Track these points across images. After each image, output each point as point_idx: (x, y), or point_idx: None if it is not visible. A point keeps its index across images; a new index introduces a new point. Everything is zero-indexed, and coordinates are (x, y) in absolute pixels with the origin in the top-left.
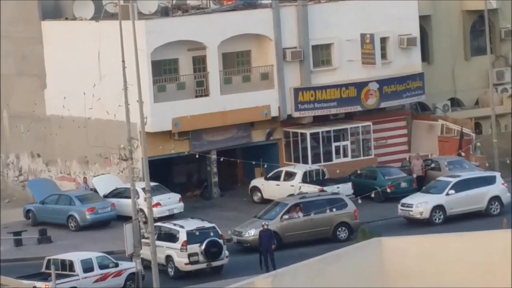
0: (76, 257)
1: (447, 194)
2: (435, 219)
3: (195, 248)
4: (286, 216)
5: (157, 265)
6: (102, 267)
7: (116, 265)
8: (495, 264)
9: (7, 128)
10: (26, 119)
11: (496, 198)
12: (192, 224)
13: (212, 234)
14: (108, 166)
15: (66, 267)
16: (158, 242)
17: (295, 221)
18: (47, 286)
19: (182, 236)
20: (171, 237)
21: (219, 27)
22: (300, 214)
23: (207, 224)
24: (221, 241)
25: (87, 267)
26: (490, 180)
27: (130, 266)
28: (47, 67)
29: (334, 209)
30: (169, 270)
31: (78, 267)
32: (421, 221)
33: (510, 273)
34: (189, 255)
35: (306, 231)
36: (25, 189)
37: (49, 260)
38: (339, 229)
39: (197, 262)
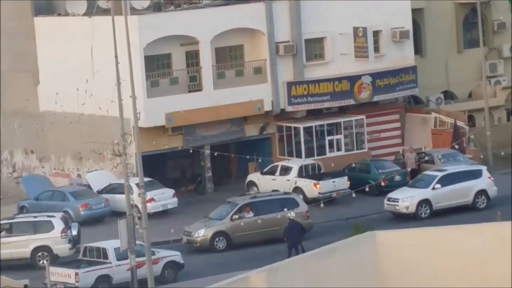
0: (110, 244)
1: (433, 188)
2: (421, 214)
3: (69, 233)
4: (236, 216)
5: (151, 263)
6: (138, 255)
7: (153, 253)
8: (489, 256)
9: (0, 124)
10: (19, 116)
11: (482, 192)
12: (56, 214)
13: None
14: (101, 161)
15: (100, 254)
16: (13, 238)
17: (246, 221)
18: (77, 274)
19: (59, 224)
20: (39, 227)
21: (211, 21)
22: (251, 214)
23: (56, 214)
24: None
25: (122, 255)
26: (476, 174)
27: (168, 255)
28: (40, 63)
29: (285, 209)
30: (41, 261)
31: (111, 255)
32: (407, 215)
33: (504, 265)
34: (69, 240)
35: (256, 231)
36: (19, 186)
37: (85, 248)
38: None
39: (75, 246)
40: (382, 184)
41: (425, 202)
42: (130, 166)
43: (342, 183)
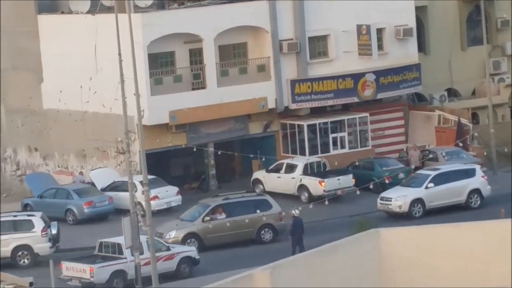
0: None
1: (426, 187)
2: (414, 213)
3: (49, 232)
4: (208, 218)
5: (155, 261)
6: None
7: (168, 248)
8: (493, 254)
9: (4, 122)
10: (22, 114)
11: (476, 191)
12: (36, 213)
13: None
14: (105, 159)
15: (115, 249)
16: None
17: (218, 223)
18: (91, 270)
19: (39, 223)
20: (19, 226)
21: (215, 19)
22: (223, 215)
23: (36, 213)
24: None
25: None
26: (470, 173)
27: (183, 250)
28: (43, 61)
29: (258, 211)
30: (22, 260)
31: (126, 250)
32: (400, 214)
33: (507, 262)
34: (49, 239)
35: (229, 232)
36: (23, 183)
37: (101, 243)
38: (263, 230)
39: (55, 245)
40: (386, 181)
41: (418, 201)
42: (134, 164)
43: (347, 180)
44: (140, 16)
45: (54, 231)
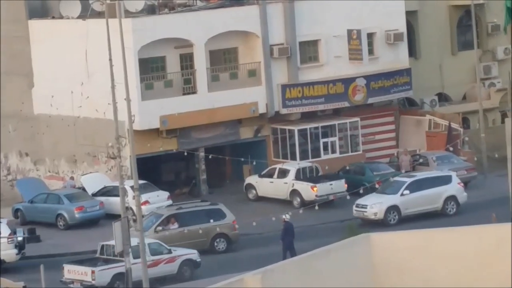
0: None
1: (402, 194)
2: (390, 220)
3: (15, 238)
4: (160, 228)
5: (146, 264)
6: (154, 253)
7: (169, 251)
8: (485, 258)
9: None
10: (14, 119)
11: (452, 198)
12: (2, 219)
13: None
14: (96, 164)
15: None
16: None
17: (170, 233)
18: (93, 272)
19: (5, 229)
20: None
21: (206, 24)
22: (176, 225)
23: (2, 219)
24: None
25: (138, 253)
26: (446, 180)
27: (184, 253)
28: (34, 66)
29: (211, 220)
30: None
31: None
32: (375, 222)
33: (500, 267)
34: (16, 246)
35: (181, 242)
36: (14, 189)
37: (102, 246)
38: (217, 240)
39: (21, 251)
40: (377, 186)
41: (394, 208)
42: (125, 169)
43: (339, 186)
44: (130, 21)
45: (20, 238)
